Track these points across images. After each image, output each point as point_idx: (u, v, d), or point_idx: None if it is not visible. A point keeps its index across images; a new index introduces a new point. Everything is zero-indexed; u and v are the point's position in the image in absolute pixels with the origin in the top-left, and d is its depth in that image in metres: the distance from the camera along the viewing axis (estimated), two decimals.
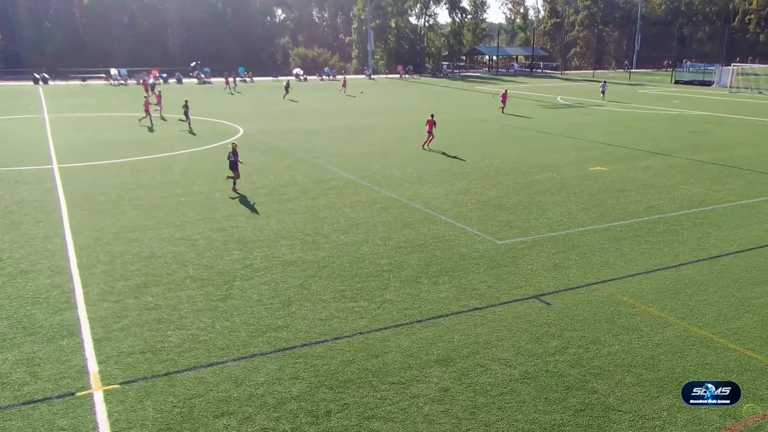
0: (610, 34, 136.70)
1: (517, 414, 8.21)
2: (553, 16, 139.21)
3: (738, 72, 71.21)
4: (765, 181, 21.94)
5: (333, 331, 10.58)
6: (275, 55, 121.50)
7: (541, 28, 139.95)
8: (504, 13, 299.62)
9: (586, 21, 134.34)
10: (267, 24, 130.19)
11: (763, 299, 11.78)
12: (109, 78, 76.68)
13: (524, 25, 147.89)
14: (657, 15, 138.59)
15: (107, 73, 78.28)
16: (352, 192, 20.61)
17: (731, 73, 69.57)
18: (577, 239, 15.49)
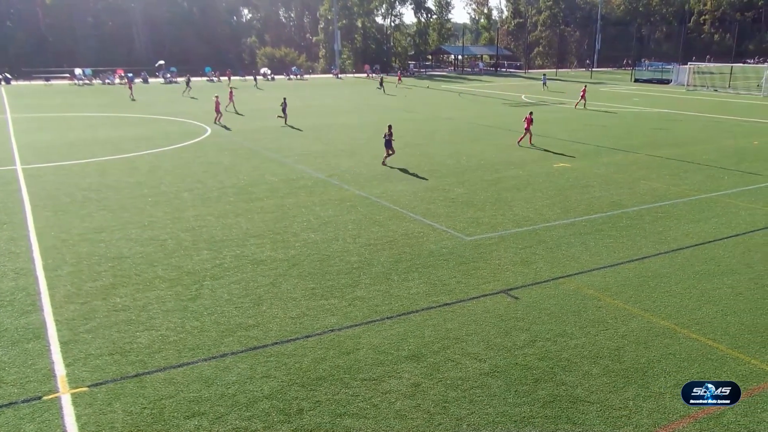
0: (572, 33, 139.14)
1: (488, 407, 8.33)
2: (516, 16, 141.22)
3: (694, 71, 73.02)
4: (722, 175, 22.58)
5: (304, 329, 10.58)
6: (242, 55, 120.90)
7: (504, 28, 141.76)
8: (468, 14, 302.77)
9: (548, 21, 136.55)
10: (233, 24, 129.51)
11: (721, 290, 12.14)
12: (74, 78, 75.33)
13: (488, 25, 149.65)
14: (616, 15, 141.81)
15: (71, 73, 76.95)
16: (321, 190, 20.59)
17: (688, 72, 71.29)
18: (544, 234, 15.74)
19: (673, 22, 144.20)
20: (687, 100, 53.76)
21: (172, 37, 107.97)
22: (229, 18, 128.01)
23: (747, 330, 10.44)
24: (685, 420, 7.97)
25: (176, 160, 25.99)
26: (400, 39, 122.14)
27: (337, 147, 29.53)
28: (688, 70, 72.01)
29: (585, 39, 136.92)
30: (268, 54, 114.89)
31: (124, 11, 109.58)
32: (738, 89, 64.55)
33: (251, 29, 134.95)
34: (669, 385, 8.79)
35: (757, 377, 8.96)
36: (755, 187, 20.77)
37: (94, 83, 74.00)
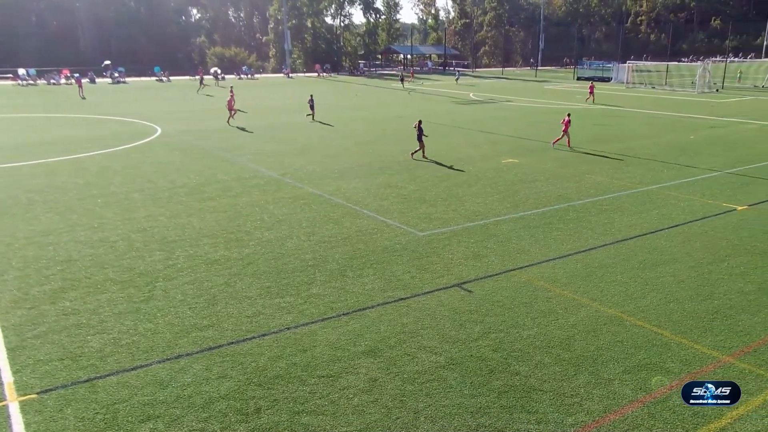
0: (516, 33, 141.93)
1: (444, 399, 8.45)
2: (463, 16, 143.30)
3: (633, 69, 75.27)
4: (661, 169, 23.41)
5: (260, 328, 10.52)
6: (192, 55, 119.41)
7: (451, 28, 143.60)
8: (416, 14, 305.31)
9: (494, 21, 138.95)
10: (182, 23, 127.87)
11: (664, 279, 12.62)
12: (17, 78, 72.72)
13: (436, 25, 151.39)
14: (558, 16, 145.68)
15: (14, 73, 74.25)
16: (274, 189, 20.46)
17: (627, 70, 73.44)
18: (494, 228, 16.04)
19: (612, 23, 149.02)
20: (627, 97, 55.44)
21: (119, 37, 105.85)
22: (177, 18, 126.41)
23: (689, 316, 10.89)
24: (634, 404, 8.27)
25: (126, 160, 25.46)
26: (350, 39, 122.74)
27: (290, 146, 29.39)
28: (627, 69, 74.19)
29: (529, 39, 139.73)
30: (218, 53, 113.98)
31: (69, 11, 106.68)
32: (674, 86, 66.91)
33: (200, 29, 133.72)
34: (618, 371, 9.10)
35: (699, 361, 9.36)
36: (693, 179, 21.62)
37: (38, 83, 71.59)
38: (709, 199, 18.85)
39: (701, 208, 17.89)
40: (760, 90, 62.79)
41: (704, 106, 46.79)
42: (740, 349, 9.68)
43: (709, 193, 19.51)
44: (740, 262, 13.51)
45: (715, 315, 10.91)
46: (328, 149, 28.29)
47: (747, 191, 19.75)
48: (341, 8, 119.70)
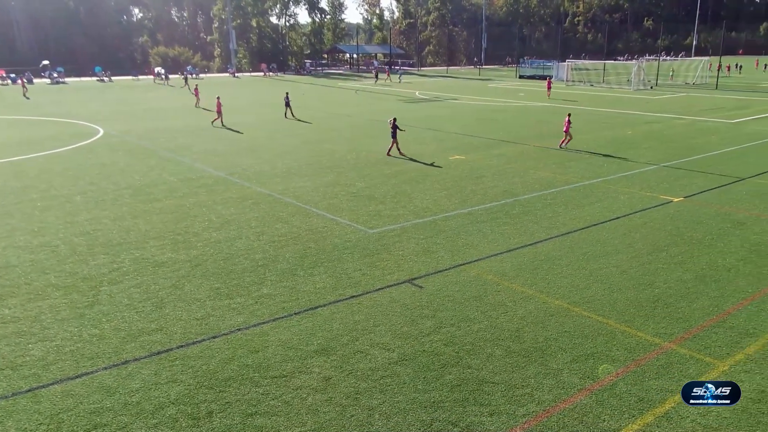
0: (460, 33, 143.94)
1: (398, 395, 8.49)
2: (407, 16, 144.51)
3: (572, 67, 77.20)
4: (601, 163, 24.09)
5: (210, 330, 10.35)
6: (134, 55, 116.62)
7: (396, 28, 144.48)
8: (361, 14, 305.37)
9: (437, 21, 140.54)
10: (124, 23, 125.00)
11: (607, 269, 13.00)
12: None
13: (381, 25, 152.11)
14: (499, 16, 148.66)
15: None
16: (222, 189, 20.16)
17: (567, 69, 75.26)
18: (443, 224, 16.20)
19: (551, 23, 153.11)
20: (566, 95, 56.80)
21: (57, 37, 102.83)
22: (118, 17, 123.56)
23: (632, 305, 11.25)
24: (582, 393, 8.50)
25: (67, 162, 24.68)
26: (296, 38, 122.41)
27: (238, 145, 29.04)
28: (566, 67, 76.01)
29: (472, 38, 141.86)
30: (162, 53, 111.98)
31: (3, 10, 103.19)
32: (611, 84, 68.93)
33: (143, 28, 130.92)
34: (566, 361, 9.33)
35: (643, 348, 9.69)
36: (631, 172, 22.33)
37: None
38: (647, 191, 19.50)
39: (640, 200, 18.50)
40: (691, 87, 65.32)
41: (640, 103, 48.37)
42: (680, 336, 10.06)
43: (647, 186, 20.19)
44: (678, 251, 14.03)
45: (656, 303, 11.31)
46: (276, 148, 28.04)
47: (682, 184, 20.53)
48: (286, 8, 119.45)
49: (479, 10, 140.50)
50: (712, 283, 12.22)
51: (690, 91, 60.30)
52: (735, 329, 10.27)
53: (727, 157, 25.36)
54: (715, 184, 20.35)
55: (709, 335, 10.08)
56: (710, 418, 7.89)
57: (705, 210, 17.36)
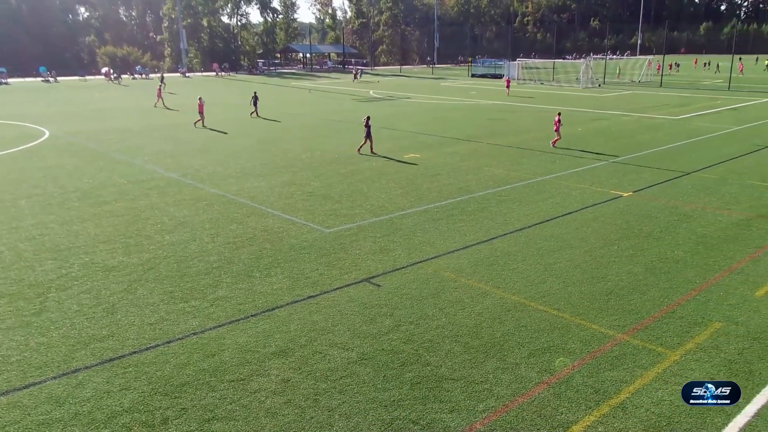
0: (412, 33, 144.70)
1: (358, 395, 8.44)
2: (360, 16, 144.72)
3: (523, 66, 78.47)
4: (553, 160, 24.51)
5: (164, 335, 10.10)
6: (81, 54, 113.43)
7: (349, 27, 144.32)
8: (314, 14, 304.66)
9: (390, 21, 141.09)
10: (69, 22, 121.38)
11: (562, 264, 13.21)
12: None
13: (333, 24, 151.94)
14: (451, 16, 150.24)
15: None
16: (174, 190, 19.74)
17: (517, 67, 76.43)
18: (399, 222, 16.21)
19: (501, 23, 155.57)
20: (518, 93, 57.64)
21: None
22: (63, 16, 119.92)
23: (586, 298, 11.46)
24: (540, 387, 8.60)
25: (11, 165, 23.85)
26: (248, 38, 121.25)
27: (190, 145, 28.56)
28: (517, 66, 77.18)
29: (425, 38, 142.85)
30: (110, 53, 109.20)
31: None
32: (561, 82, 70.35)
33: (89, 28, 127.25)
34: (523, 355, 9.43)
35: (597, 340, 9.87)
36: (582, 168, 22.79)
37: None
38: (598, 187, 19.93)
39: (591, 195, 18.89)
40: (637, 85, 67.12)
41: (589, 101, 49.45)
42: (633, 327, 10.30)
43: (597, 182, 20.63)
44: (629, 245, 14.37)
45: (609, 296, 11.55)
46: (229, 148, 27.65)
47: (631, 178, 21.05)
48: (237, 7, 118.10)
49: (431, 9, 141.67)
50: (661, 275, 12.55)
51: (636, 89, 61.94)
52: (685, 319, 10.57)
53: (672, 152, 26.12)
54: (662, 179, 20.93)
55: (660, 326, 10.34)
56: (663, 407, 8.08)
57: (653, 204, 17.83)
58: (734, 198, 18.40)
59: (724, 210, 17.15)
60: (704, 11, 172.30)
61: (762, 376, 8.81)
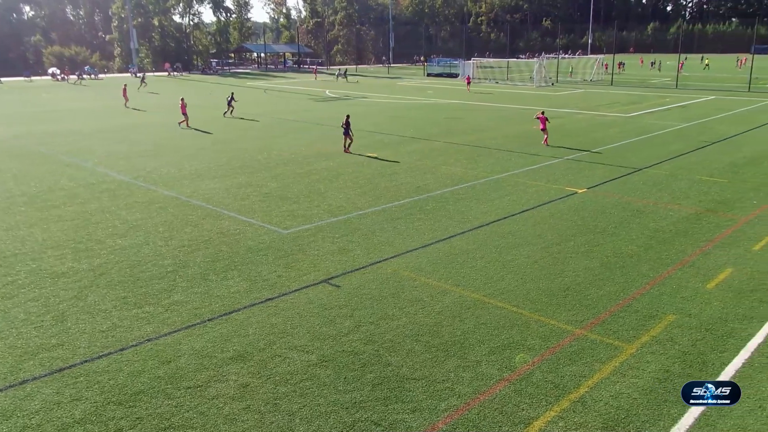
0: (367, 32, 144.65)
1: (319, 398, 8.33)
2: (314, 15, 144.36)
3: (478, 65, 79.24)
4: (509, 158, 24.78)
5: (117, 342, 9.79)
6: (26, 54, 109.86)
7: (303, 27, 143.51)
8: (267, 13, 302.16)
9: (345, 21, 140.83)
10: (14, 21, 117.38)
11: (519, 260, 13.33)
12: None
13: (288, 24, 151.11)
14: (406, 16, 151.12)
15: None
16: (126, 193, 19.23)
17: (472, 67, 77.14)
18: (358, 222, 16.12)
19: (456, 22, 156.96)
20: (473, 92, 58.18)
21: None
22: (7, 16, 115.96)
23: (544, 294, 11.58)
24: (501, 384, 8.63)
25: None
26: (201, 37, 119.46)
27: (142, 147, 27.93)
28: (472, 65, 77.89)
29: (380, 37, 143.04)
30: (56, 53, 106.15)
31: None
32: (515, 81, 71.30)
33: (35, 27, 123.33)
34: (484, 352, 9.46)
35: (556, 336, 9.97)
36: (538, 166, 23.08)
37: None
38: (553, 184, 20.20)
39: (547, 192, 19.13)
40: (589, 83, 68.50)
41: (543, 99, 50.21)
42: (590, 322, 10.44)
43: (553, 179, 20.92)
44: (584, 240, 14.59)
45: (566, 291, 11.69)
46: (183, 149, 27.12)
47: (585, 175, 21.41)
48: (189, 6, 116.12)
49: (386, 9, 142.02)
50: (617, 269, 12.77)
51: (588, 87, 63.20)
52: (640, 312, 10.77)
53: (624, 149, 26.68)
54: (615, 175, 21.35)
55: (616, 320, 10.50)
56: (622, 400, 8.20)
57: (607, 200, 18.17)
58: (684, 193, 18.89)
59: (674, 205, 17.58)
60: (651, 12, 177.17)
61: (715, 366, 9.03)
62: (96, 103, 47.67)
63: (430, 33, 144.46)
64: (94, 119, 38.14)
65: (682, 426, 7.69)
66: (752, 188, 19.45)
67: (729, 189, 19.35)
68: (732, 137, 29.49)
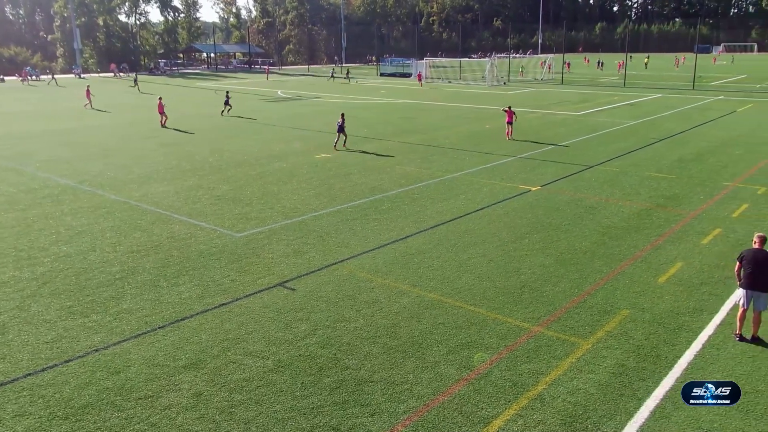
0: (319, 32, 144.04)
1: (275, 404, 8.14)
2: (265, 15, 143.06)
3: (430, 65, 79.68)
4: (463, 157, 24.91)
5: (63, 354, 9.38)
6: None
7: (254, 27, 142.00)
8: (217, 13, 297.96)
9: (296, 20, 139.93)
10: None
11: (476, 259, 13.35)
12: None
13: (238, 24, 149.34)
14: (358, 16, 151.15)
15: None
16: (71, 198, 18.56)
17: (425, 66, 77.52)
18: (313, 224, 15.92)
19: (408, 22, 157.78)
20: (427, 92, 58.46)
21: None
22: None
23: (500, 292, 11.61)
24: (459, 383, 8.58)
25: None
26: (148, 37, 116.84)
27: (87, 150, 27.05)
28: (425, 65, 78.27)
29: (332, 37, 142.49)
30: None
31: None
32: (468, 80, 71.96)
33: None
34: (442, 353, 9.41)
35: (514, 334, 9.99)
36: (491, 165, 23.26)
37: None
38: (507, 182, 20.37)
39: (501, 190, 19.27)
40: (540, 82, 69.62)
41: (495, 98, 50.74)
42: (547, 319, 10.50)
43: (507, 177, 21.09)
44: (539, 238, 14.72)
45: (523, 289, 11.75)
46: (130, 152, 26.38)
47: (538, 173, 21.66)
48: (136, 6, 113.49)
49: (337, 9, 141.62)
50: (571, 266, 12.91)
51: (539, 86, 64.21)
52: (594, 308, 10.89)
53: (575, 146, 27.14)
54: (567, 173, 21.67)
55: (572, 316, 10.60)
56: (579, 396, 8.25)
57: (560, 197, 18.40)
58: (634, 189, 19.28)
59: (625, 201, 17.92)
60: (599, 12, 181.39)
61: (668, 359, 9.18)
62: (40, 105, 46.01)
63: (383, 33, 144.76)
64: (37, 122, 36.81)
65: (638, 419, 7.78)
66: (698, 183, 19.99)
67: (677, 185, 19.85)
68: (678, 134, 30.32)
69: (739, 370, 8.92)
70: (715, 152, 25.40)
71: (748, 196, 18.46)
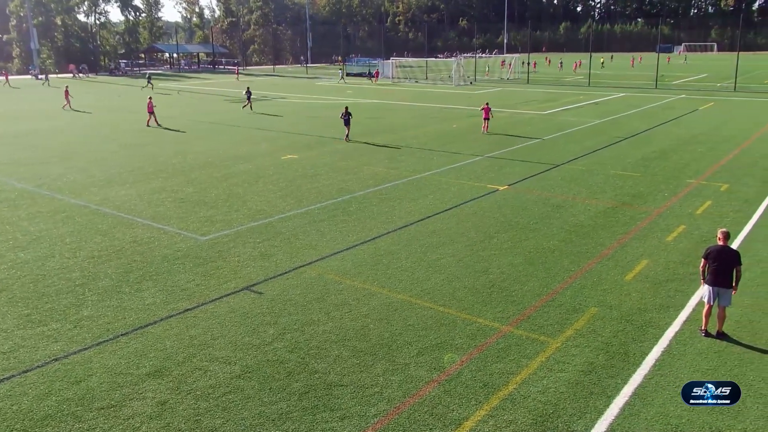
0: (284, 32, 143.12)
1: (243, 411, 7.97)
2: (229, 15, 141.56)
3: (397, 65, 79.75)
4: (431, 157, 24.91)
5: (20, 364, 9.04)
6: None
7: (218, 26, 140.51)
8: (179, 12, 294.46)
9: (261, 20, 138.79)
10: None
11: (445, 259, 13.31)
12: None
13: (201, 23, 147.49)
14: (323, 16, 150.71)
15: None
16: (28, 203, 18.01)
17: (392, 66, 77.56)
18: (280, 226, 15.70)
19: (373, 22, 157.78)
20: (394, 91, 58.47)
21: None
22: None
23: (470, 292, 11.58)
24: (430, 385, 8.51)
25: None
26: (108, 37, 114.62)
27: (46, 153, 26.34)
28: (391, 65, 78.31)
29: (297, 37, 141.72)
30: None
31: None
32: (435, 80, 72.21)
33: None
34: (412, 354, 9.33)
35: (483, 334, 9.96)
36: (459, 164, 23.29)
37: None
38: (475, 182, 20.41)
39: (470, 190, 19.30)
40: (506, 82, 70.21)
41: (462, 98, 50.97)
42: (516, 318, 10.50)
43: (474, 177, 21.14)
44: (507, 237, 14.75)
45: (492, 288, 11.74)
46: (91, 154, 25.75)
47: (506, 173, 21.76)
48: (95, 5, 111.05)
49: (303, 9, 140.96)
50: (539, 265, 12.96)
51: (505, 85, 64.72)
52: (563, 306, 10.93)
53: (542, 145, 27.36)
54: (534, 172, 21.81)
55: (541, 315, 10.61)
56: (549, 395, 8.24)
57: (527, 196, 18.49)
58: (600, 188, 19.49)
59: (592, 200, 18.10)
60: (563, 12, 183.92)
61: (636, 356, 9.25)
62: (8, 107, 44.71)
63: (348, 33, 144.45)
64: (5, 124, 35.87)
65: (608, 417, 7.80)
66: (662, 181, 20.30)
67: (642, 183, 20.13)
68: (642, 132, 30.81)
69: (705, 365, 9.03)
70: (679, 150, 25.86)
71: (711, 193, 18.80)
